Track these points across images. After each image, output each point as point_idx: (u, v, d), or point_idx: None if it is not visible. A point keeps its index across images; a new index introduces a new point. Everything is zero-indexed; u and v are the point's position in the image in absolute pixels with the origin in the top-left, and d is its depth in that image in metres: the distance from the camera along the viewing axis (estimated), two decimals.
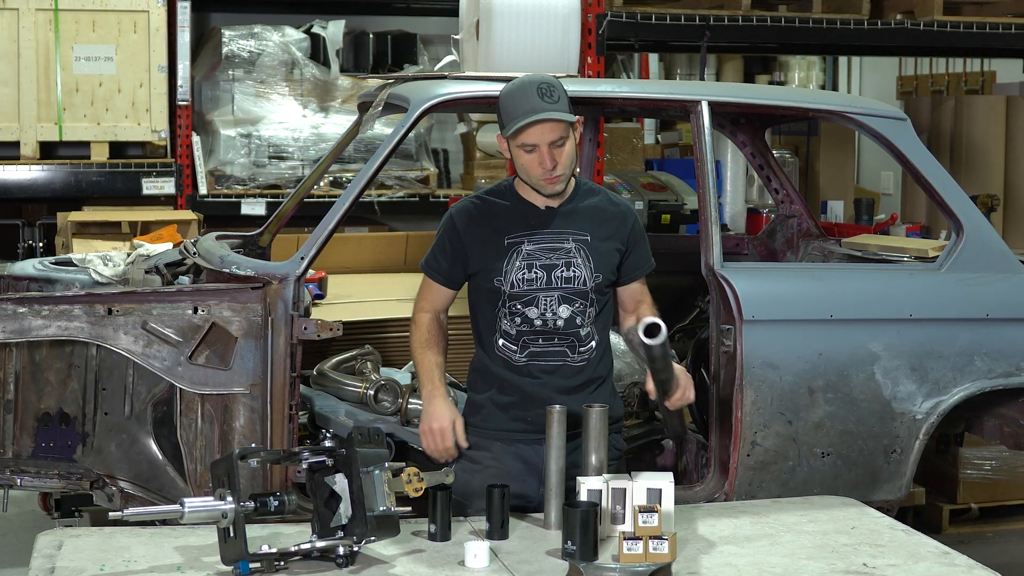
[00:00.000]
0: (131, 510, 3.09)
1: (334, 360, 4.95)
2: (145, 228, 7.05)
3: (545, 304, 3.67)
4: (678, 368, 3.65)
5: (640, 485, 3.42)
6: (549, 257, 3.68)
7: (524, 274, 3.66)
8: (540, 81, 3.59)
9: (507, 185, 3.79)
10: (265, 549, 3.09)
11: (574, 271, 3.69)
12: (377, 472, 3.14)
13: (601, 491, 3.40)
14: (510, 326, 3.69)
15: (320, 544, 3.14)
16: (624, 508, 3.41)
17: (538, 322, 3.68)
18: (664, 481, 3.44)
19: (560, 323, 3.68)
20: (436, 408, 3.71)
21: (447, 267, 3.76)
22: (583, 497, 3.37)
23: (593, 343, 3.72)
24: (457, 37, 5.77)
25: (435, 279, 3.79)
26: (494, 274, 3.68)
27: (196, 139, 8.23)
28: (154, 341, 4.02)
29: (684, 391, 3.65)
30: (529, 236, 3.69)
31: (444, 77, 4.56)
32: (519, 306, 3.67)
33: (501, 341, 3.71)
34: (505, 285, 3.66)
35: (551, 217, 3.71)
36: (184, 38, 8.05)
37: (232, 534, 3.07)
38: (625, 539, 3.18)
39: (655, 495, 3.40)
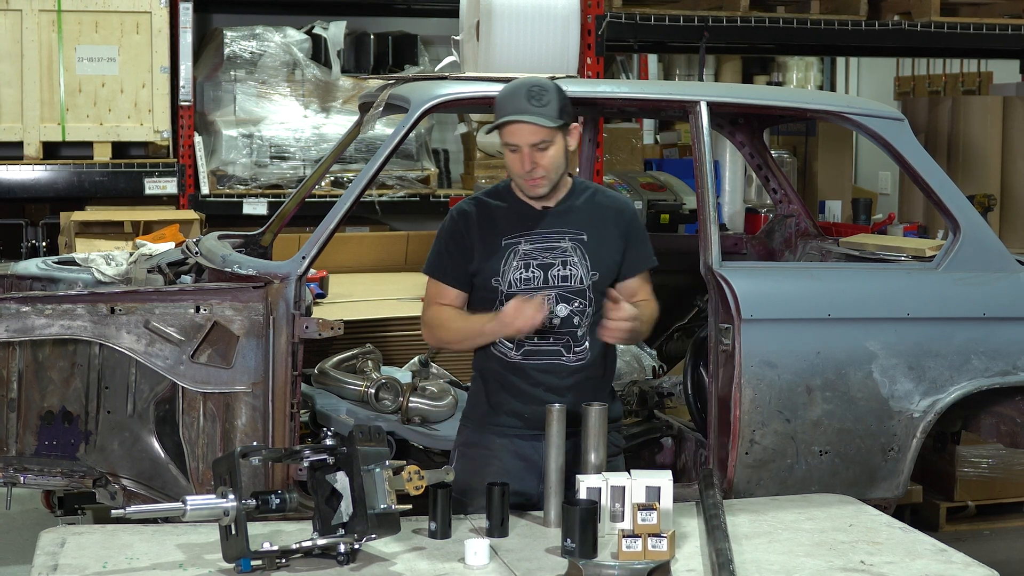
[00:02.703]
0: (134, 508, 3.10)
1: (335, 359, 4.97)
2: (147, 228, 7.06)
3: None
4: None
5: (639, 483, 3.44)
6: (546, 256, 3.70)
7: (521, 274, 3.69)
8: (533, 84, 3.61)
9: (504, 186, 3.82)
10: (267, 547, 3.11)
11: (571, 270, 3.70)
12: (378, 470, 3.16)
13: (600, 489, 3.42)
14: None
15: (321, 542, 3.16)
16: (623, 506, 3.43)
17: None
18: (663, 479, 3.46)
19: (556, 322, 3.69)
20: (507, 307, 3.60)
21: (454, 268, 3.75)
22: (582, 495, 3.39)
23: (587, 343, 3.73)
24: (457, 38, 5.79)
25: (445, 280, 3.77)
26: (492, 274, 3.70)
27: (198, 139, 8.25)
28: (156, 340, 4.04)
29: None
30: (526, 236, 3.71)
31: (444, 78, 4.58)
32: None
33: (498, 340, 3.73)
34: (503, 285, 3.68)
35: (547, 217, 3.73)
36: (186, 39, 8.06)
37: (234, 532, 3.08)
38: (624, 537, 3.20)
39: (654, 493, 3.42)
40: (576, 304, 3.71)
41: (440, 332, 3.77)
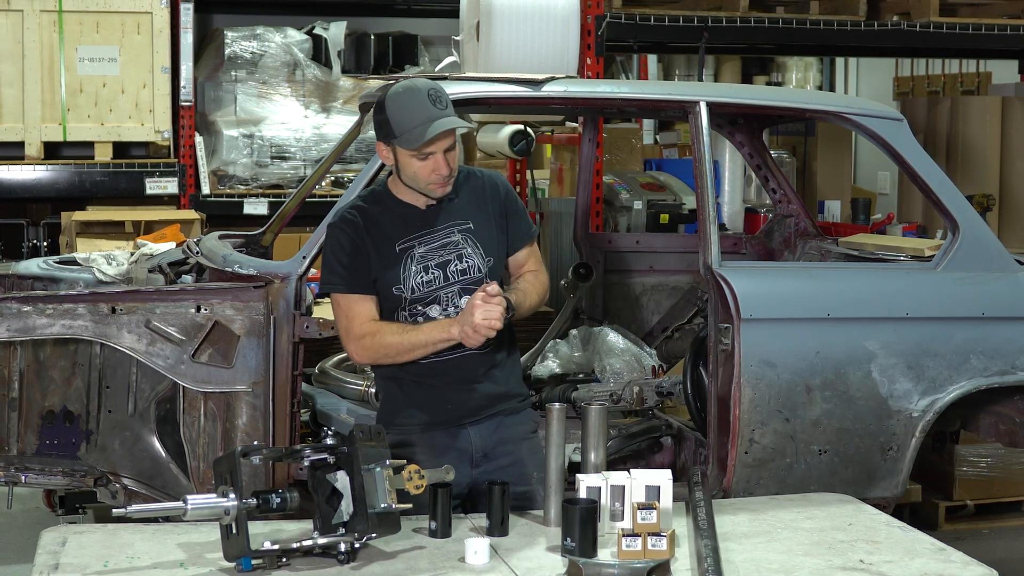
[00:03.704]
0: (135, 507, 3.10)
1: (336, 358, 4.98)
2: (148, 228, 7.08)
3: (447, 300, 3.65)
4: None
5: (639, 482, 3.44)
6: (441, 254, 3.65)
7: (422, 277, 3.63)
8: (428, 87, 3.54)
9: (383, 190, 3.72)
10: (267, 545, 3.11)
11: (467, 261, 3.66)
12: (378, 469, 3.16)
13: (600, 488, 3.43)
14: None
15: (322, 541, 3.16)
16: (623, 505, 3.44)
17: (441, 318, 3.64)
18: (663, 478, 3.46)
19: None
20: (470, 309, 3.49)
21: (361, 276, 3.62)
22: (582, 494, 3.40)
23: None
24: (458, 38, 5.81)
25: (359, 291, 3.61)
26: (393, 282, 3.62)
27: (199, 139, 8.26)
28: (157, 339, 4.05)
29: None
30: (418, 238, 3.65)
31: (445, 78, 4.59)
32: (420, 307, 3.65)
33: None
34: (406, 291, 3.63)
35: (432, 214, 3.67)
36: (187, 39, 8.07)
37: (235, 531, 3.09)
38: (624, 536, 3.21)
39: (653, 492, 3.43)
40: None
41: (383, 351, 3.60)
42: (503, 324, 3.49)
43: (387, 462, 3.19)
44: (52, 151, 8.02)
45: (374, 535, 3.16)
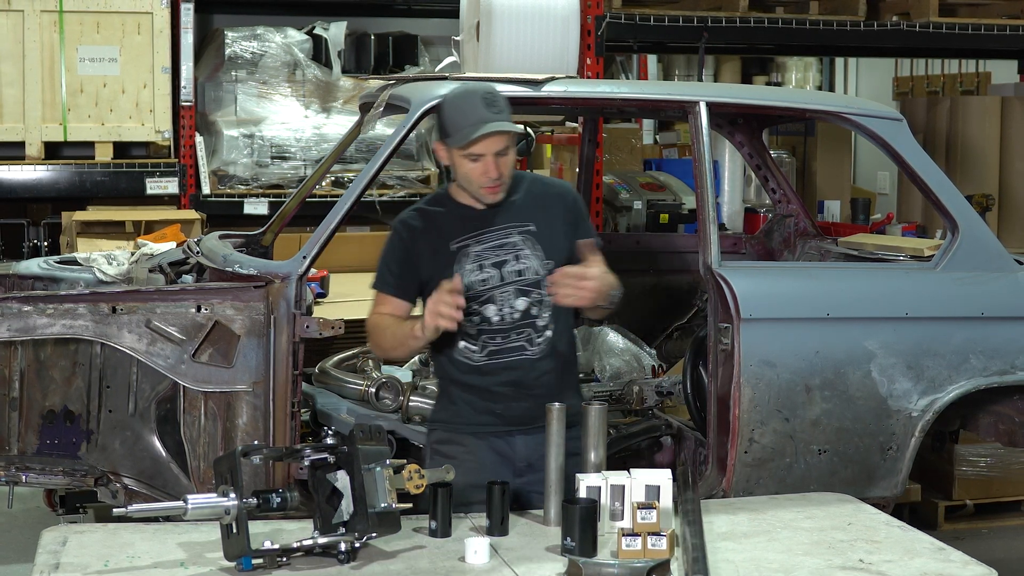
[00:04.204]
0: (135, 506, 3.11)
1: (336, 358, 4.98)
2: (149, 227, 7.08)
3: (502, 300, 3.69)
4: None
5: (638, 482, 3.45)
6: (498, 254, 3.70)
7: (477, 275, 3.68)
8: (485, 91, 3.62)
9: (443, 194, 3.81)
10: (268, 545, 3.11)
11: (524, 262, 3.71)
12: (378, 469, 3.17)
13: (600, 488, 3.43)
14: (470, 327, 3.70)
15: (322, 540, 3.16)
16: (622, 505, 3.44)
17: (495, 318, 3.70)
18: (662, 478, 3.47)
19: (517, 316, 3.70)
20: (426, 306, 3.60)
21: (396, 279, 3.74)
22: (582, 494, 3.40)
23: (550, 332, 3.73)
24: (458, 38, 5.81)
25: (384, 291, 3.77)
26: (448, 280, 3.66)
27: (199, 139, 8.26)
28: (158, 339, 4.05)
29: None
30: (475, 237, 3.70)
31: (445, 78, 4.59)
32: (476, 306, 3.69)
33: (462, 343, 3.72)
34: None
35: (492, 215, 3.72)
36: (187, 39, 8.07)
37: (235, 530, 3.09)
38: (624, 535, 3.21)
39: (653, 492, 3.43)
40: (533, 295, 3.71)
41: (378, 339, 3.76)
42: (459, 320, 3.50)
43: (387, 462, 3.19)
44: (53, 151, 8.02)
45: (374, 535, 3.16)
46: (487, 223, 3.72)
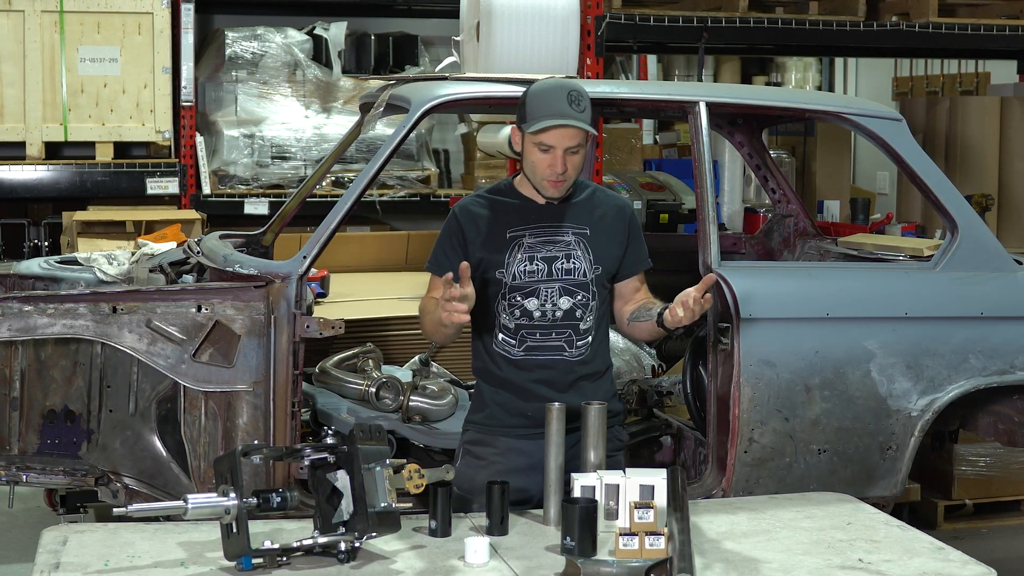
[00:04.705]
0: (135, 506, 3.11)
1: (336, 358, 4.99)
2: (149, 227, 7.09)
3: (545, 295, 3.72)
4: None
5: (633, 481, 3.45)
6: (549, 249, 3.74)
7: (525, 266, 3.72)
8: (571, 87, 3.66)
9: (507, 183, 3.85)
10: (268, 545, 3.12)
11: (574, 263, 3.74)
12: (378, 469, 3.17)
13: (595, 487, 3.43)
14: (509, 320, 3.73)
15: (322, 540, 3.17)
16: (618, 504, 3.45)
17: (537, 314, 3.72)
18: (657, 477, 3.47)
19: (559, 314, 3.72)
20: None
21: (450, 262, 3.75)
22: (577, 493, 3.41)
23: (590, 338, 3.76)
24: (458, 39, 5.81)
25: (436, 273, 3.80)
26: (496, 267, 3.73)
27: (200, 139, 8.27)
28: (158, 339, 4.05)
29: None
30: (530, 229, 3.74)
31: (445, 78, 4.60)
32: (519, 298, 3.72)
33: (500, 336, 3.75)
34: (507, 277, 3.72)
35: (550, 211, 3.77)
36: (188, 40, 8.08)
37: (235, 530, 3.10)
38: (621, 535, 3.22)
39: (648, 491, 3.43)
40: (579, 297, 3.74)
41: (423, 321, 3.81)
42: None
43: (387, 461, 3.20)
44: (53, 151, 8.03)
45: (374, 534, 3.17)
46: (544, 218, 3.76)
